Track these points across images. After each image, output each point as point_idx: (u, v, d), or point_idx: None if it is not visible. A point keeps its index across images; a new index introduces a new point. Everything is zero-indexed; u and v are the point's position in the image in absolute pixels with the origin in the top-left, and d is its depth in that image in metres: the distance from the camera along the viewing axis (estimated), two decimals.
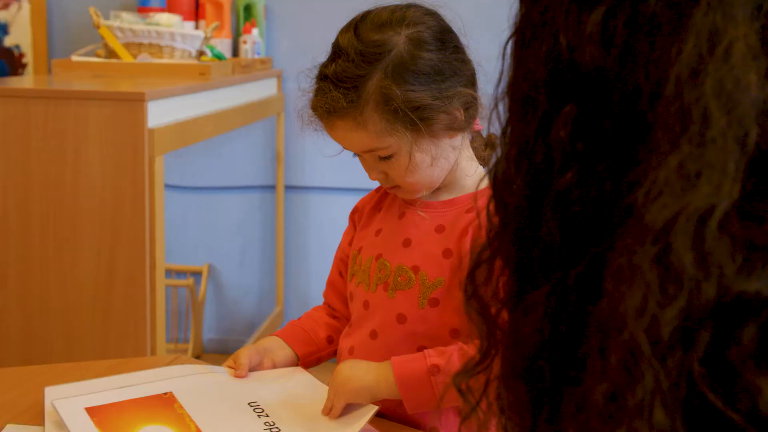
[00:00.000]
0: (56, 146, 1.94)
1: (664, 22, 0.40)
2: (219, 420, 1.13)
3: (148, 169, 1.93)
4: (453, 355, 1.10)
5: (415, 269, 1.17)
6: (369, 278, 1.22)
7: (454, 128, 1.14)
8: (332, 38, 1.17)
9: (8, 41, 3.04)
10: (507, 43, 0.49)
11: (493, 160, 0.50)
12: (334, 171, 3.02)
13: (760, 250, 0.35)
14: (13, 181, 1.96)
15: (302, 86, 1.18)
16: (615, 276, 0.39)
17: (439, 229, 1.19)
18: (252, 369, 1.27)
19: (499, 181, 0.49)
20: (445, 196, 1.21)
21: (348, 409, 1.14)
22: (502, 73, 0.50)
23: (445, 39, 1.15)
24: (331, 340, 1.31)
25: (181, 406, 1.16)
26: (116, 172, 1.93)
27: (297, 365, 1.30)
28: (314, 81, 1.16)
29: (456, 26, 1.17)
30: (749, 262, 0.35)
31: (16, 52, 3.05)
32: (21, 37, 3.06)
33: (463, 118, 1.14)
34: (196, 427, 1.11)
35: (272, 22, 3.09)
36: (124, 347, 1.97)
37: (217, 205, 3.17)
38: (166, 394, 1.18)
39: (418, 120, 1.11)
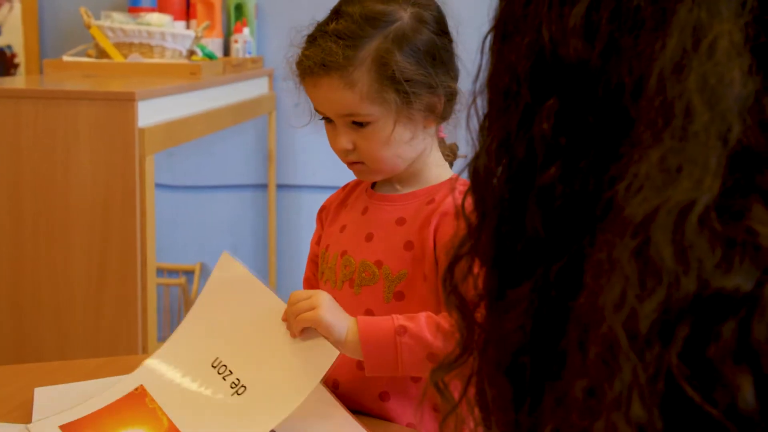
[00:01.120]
0: (47, 146, 1.95)
1: (648, 16, 0.40)
2: (186, 401, 1.13)
3: (139, 169, 1.94)
4: (421, 320, 1.10)
5: (378, 264, 1.18)
6: (335, 276, 1.22)
7: (433, 113, 1.15)
8: None
9: (0, 42, 3.04)
10: (486, 36, 0.49)
11: (472, 154, 0.49)
12: (326, 169, 3.03)
13: (739, 245, 0.35)
14: (4, 180, 1.96)
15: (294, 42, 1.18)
16: (594, 269, 0.39)
17: (400, 221, 1.19)
18: None
19: (479, 174, 0.48)
20: (406, 189, 1.21)
21: (308, 353, 1.11)
22: (480, 67, 0.50)
23: (444, 27, 1.17)
24: None
25: (152, 399, 1.15)
26: (107, 172, 1.94)
27: None
28: (307, 37, 1.16)
29: (450, 23, 1.19)
30: (728, 258, 0.35)
31: (8, 53, 3.06)
32: (12, 37, 3.06)
33: (442, 107, 1.15)
34: (168, 419, 1.11)
35: (263, 22, 3.10)
36: (115, 345, 1.98)
37: (209, 204, 3.17)
38: (137, 389, 1.17)
39: (406, 92, 1.12)
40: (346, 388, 1.21)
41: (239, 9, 3.01)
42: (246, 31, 2.97)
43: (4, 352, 2.00)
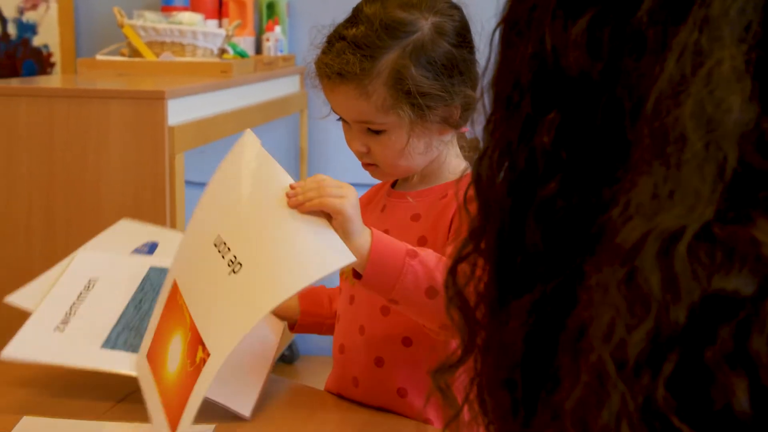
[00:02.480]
0: (79, 144, 1.98)
1: (650, 38, 0.39)
2: (196, 289, 1.08)
3: (169, 167, 1.96)
4: (430, 252, 1.06)
5: None
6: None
7: (448, 123, 1.15)
8: None
9: (37, 41, 3.09)
10: (494, 31, 0.49)
11: (476, 156, 0.49)
12: (357, 167, 3.02)
13: (740, 254, 0.35)
14: (37, 178, 1.99)
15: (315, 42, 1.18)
16: (586, 296, 0.38)
17: (415, 217, 1.19)
18: None
19: (482, 179, 0.48)
20: (422, 186, 1.22)
21: (318, 244, 1.02)
22: (488, 61, 0.49)
23: (465, 36, 1.16)
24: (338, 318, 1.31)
25: (181, 295, 1.10)
26: (138, 170, 1.96)
27: (296, 320, 1.30)
28: (327, 38, 1.17)
29: (474, 27, 1.18)
30: (728, 264, 0.35)
31: (44, 52, 3.10)
32: (49, 37, 3.10)
33: (458, 117, 1.15)
34: (189, 314, 1.06)
35: (295, 20, 3.11)
36: None
37: None
38: (174, 286, 1.12)
39: (421, 106, 1.11)
40: (365, 386, 1.21)
41: (271, 7, 3.03)
42: (278, 29, 2.99)
43: None
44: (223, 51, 2.66)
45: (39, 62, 3.10)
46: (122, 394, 1.22)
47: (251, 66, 2.64)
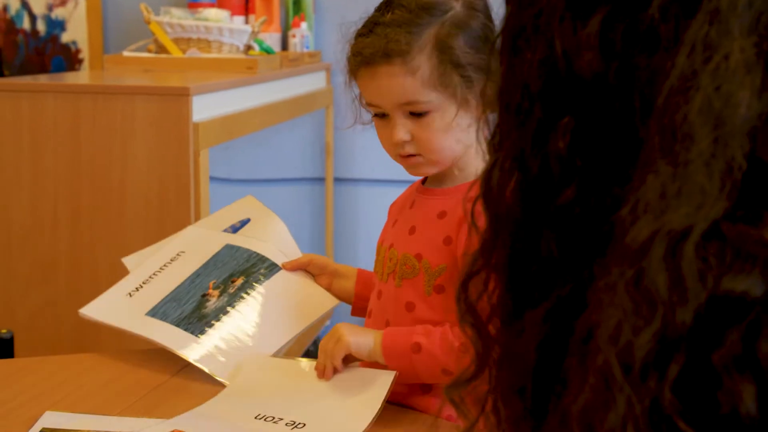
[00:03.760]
0: (104, 140, 1.99)
1: (663, 34, 0.39)
2: None
3: (193, 163, 1.97)
4: (436, 337, 1.12)
5: (419, 257, 1.18)
6: (382, 268, 1.24)
7: (484, 102, 1.15)
8: None
9: (65, 37, 3.11)
10: (494, 42, 0.48)
11: (485, 168, 0.48)
12: (384, 163, 3.01)
13: (751, 255, 0.34)
14: (63, 174, 2.01)
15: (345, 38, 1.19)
16: (595, 297, 0.38)
17: (441, 215, 1.19)
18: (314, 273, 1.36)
19: (492, 191, 0.47)
20: (451, 183, 1.22)
21: (364, 380, 1.15)
22: (488, 71, 0.49)
23: (491, 17, 1.19)
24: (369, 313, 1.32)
25: None
26: (162, 166, 1.97)
27: (350, 300, 1.35)
28: (360, 29, 1.18)
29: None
30: (738, 264, 0.34)
31: (72, 48, 3.12)
32: (77, 33, 3.13)
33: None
34: None
35: (321, 16, 3.11)
36: None
37: (265, 198, 3.17)
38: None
39: (468, 76, 1.13)
40: None
41: (297, 4, 3.03)
42: (304, 25, 2.99)
43: (66, 342, 2.05)
44: (249, 47, 2.66)
45: (67, 58, 3.12)
46: (144, 391, 1.23)
47: (277, 62, 2.65)
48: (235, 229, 1.45)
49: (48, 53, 3.10)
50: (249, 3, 3.01)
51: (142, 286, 1.35)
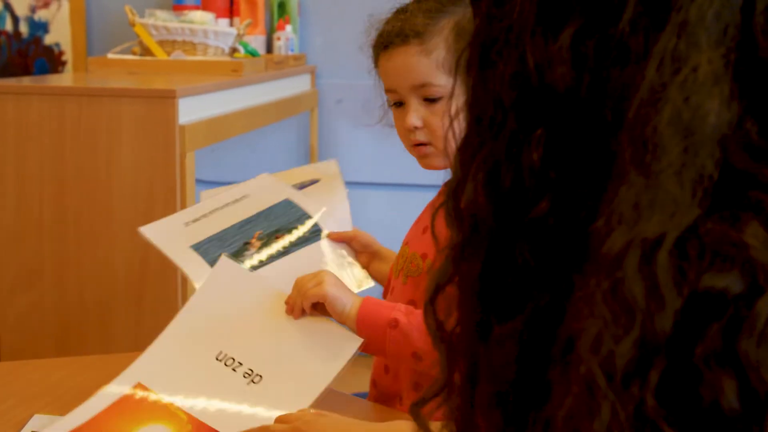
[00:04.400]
0: (90, 143, 1.98)
1: (633, 47, 0.39)
2: (199, 395, 1.11)
3: (180, 165, 1.96)
4: (417, 319, 1.11)
5: (424, 257, 1.20)
6: (397, 265, 1.26)
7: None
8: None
9: (48, 39, 3.10)
10: (462, 54, 0.47)
11: (452, 183, 0.47)
12: (368, 166, 3.03)
13: (729, 257, 0.35)
14: (48, 177, 2.00)
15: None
16: (574, 308, 0.38)
17: None
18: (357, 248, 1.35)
19: (462, 205, 0.46)
20: None
21: (331, 339, 1.14)
22: (454, 84, 0.49)
23: None
24: None
25: (157, 395, 1.12)
26: (148, 168, 1.97)
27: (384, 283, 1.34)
28: (388, 17, 1.19)
29: None
30: (718, 264, 0.35)
31: (56, 50, 3.11)
32: (61, 35, 3.11)
33: None
34: (185, 412, 1.09)
35: (306, 19, 3.11)
36: None
37: None
38: (136, 386, 1.14)
39: None
40: (383, 385, 1.23)
41: (282, 6, 3.03)
42: (289, 28, 2.99)
43: (49, 345, 2.04)
44: (234, 50, 2.66)
45: (51, 61, 3.11)
46: None
47: (262, 65, 2.64)
48: (302, 186, 1.47)
49: (31, 55, 3.08)
50: (234, 5, 3.00)
51: (199, 219, 1.38)
